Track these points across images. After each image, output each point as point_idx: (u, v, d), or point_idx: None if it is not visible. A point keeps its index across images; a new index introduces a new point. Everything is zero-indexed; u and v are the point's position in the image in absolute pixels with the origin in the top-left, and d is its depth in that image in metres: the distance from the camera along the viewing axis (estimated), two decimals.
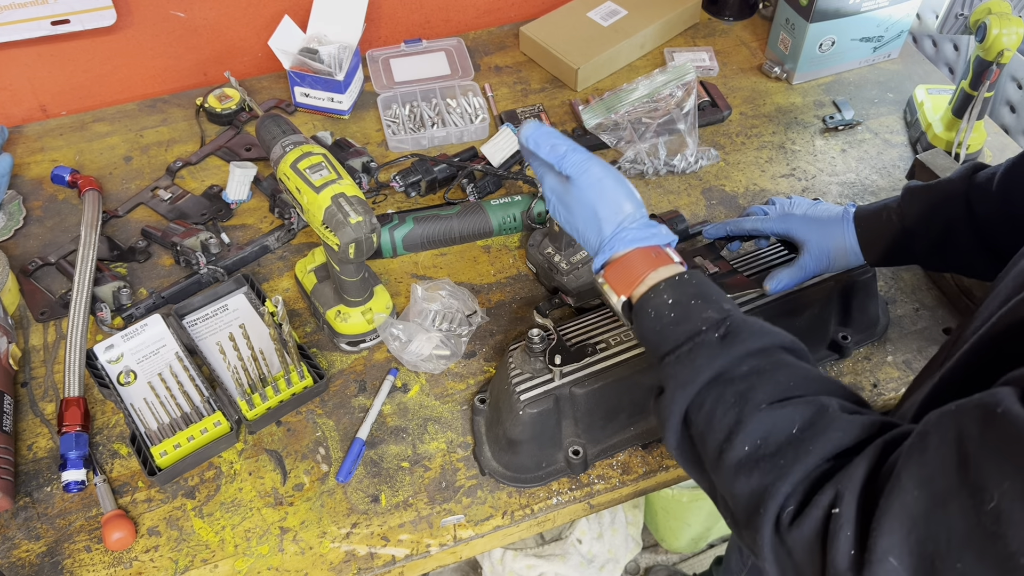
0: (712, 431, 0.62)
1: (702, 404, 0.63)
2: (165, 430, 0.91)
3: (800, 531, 0.54)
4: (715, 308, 0.67)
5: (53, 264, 1.10)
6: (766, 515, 0.56)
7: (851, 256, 0.93)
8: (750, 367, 0.63)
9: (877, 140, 1.30)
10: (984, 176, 0.85)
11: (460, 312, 1.01)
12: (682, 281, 0.70)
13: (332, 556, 0.86)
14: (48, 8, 1.18)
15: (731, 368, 0.63)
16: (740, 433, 0.60)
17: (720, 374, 0.63)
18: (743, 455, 0.59)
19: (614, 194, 0.76)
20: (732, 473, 0.60)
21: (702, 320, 0.66)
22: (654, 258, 0.73)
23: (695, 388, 0.64)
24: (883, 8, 1.32)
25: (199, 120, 1.31)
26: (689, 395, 0.64)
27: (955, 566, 0.46)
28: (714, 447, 0.62)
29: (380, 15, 1.41)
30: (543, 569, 1.53)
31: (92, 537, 0.87)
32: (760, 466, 0.58)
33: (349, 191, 0.88)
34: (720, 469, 0.61)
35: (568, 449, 0.90)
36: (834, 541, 0.51)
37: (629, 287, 0.73)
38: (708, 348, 0.65)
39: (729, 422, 0.61)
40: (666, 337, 0.68)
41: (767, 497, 0.56)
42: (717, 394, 0.63)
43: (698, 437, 0.64)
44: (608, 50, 1.36)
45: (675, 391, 0.65)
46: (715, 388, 0.63)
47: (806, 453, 0.57)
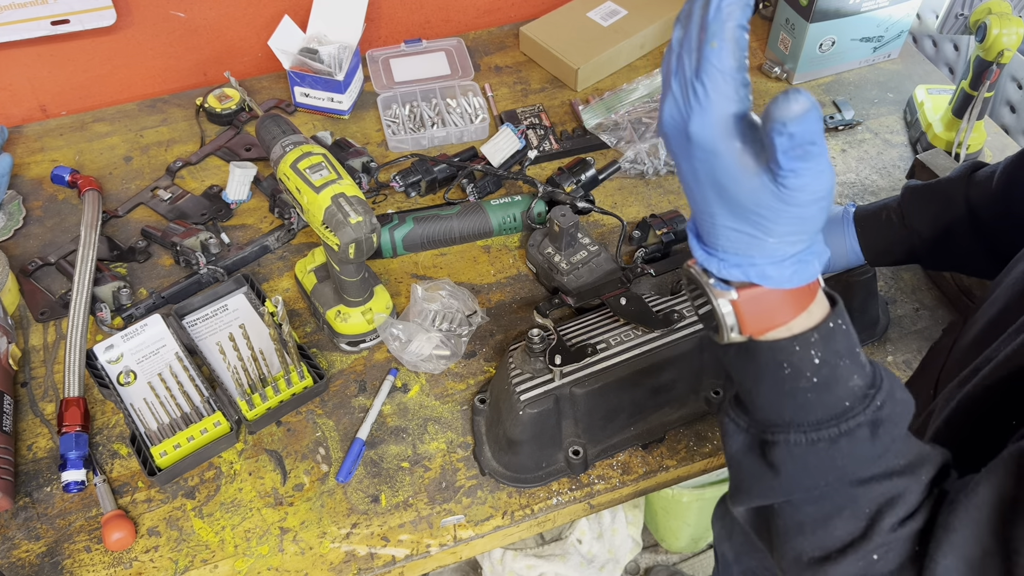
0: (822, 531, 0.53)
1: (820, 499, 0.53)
2: (165, 430, 0.91)
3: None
4: (860, 371, 0.52)
5: (53, 264, 1.10)
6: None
7: (851, 256, 0.93)
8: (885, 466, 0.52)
9: (877, 140, 1.30)
10: (983, 174, 0.85)
11: (460, 312, 1.01)
12: (836, 331, 0.52)
13: (332, 556, 0.86)
14: (48, 8, 1.18)
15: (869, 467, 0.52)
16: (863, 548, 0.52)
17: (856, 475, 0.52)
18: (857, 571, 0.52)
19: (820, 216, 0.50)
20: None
21: (846, 392, 0.51)
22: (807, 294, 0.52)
23: (819, 481, 0.52)
24: (883, 8, 1.32)
25: (199, 120, 1.31)
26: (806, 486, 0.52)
27: None
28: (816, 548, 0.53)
29: (380, 15, 1.41)
30: (543, 569, 1.53)
31: (92, 537, 0.87)
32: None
33: (349, 191, 0.88)
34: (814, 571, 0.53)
35: (568, 449, 0.90)
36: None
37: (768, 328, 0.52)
38: (854, 443, 0.51)
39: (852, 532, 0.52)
40: (799, 404, 0.52)
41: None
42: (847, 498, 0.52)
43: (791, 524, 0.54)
44: (608, 50, 1.36)
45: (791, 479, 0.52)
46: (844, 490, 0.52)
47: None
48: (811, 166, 0.47)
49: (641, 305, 0.94)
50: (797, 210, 0.48)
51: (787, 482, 0.52)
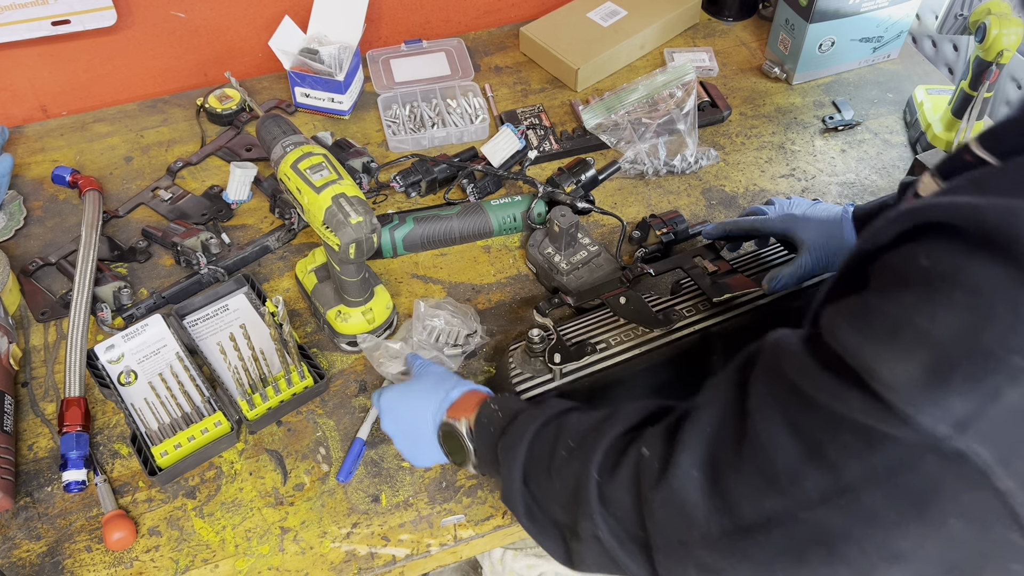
0: (542, 461, 0.71)
1: (532, 450, 0.73)
2: (166, 430, 0.91)
3: (615, 481, 0.64)
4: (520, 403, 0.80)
5: (54, 264, 1.10)
6: (588, 485, 0.65)
7: None
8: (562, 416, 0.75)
9: (877, 140, 1.30)
10: None
11: (461, 331, 1.01)
12: (502, 397, 0.82)
13: (333, 556, 0.86)
14: (48, 8, 1.18)
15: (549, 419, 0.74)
16: (561, 444, 0.70)
17: (543, 424, 0.74)
18: (563, 458, 0.69)
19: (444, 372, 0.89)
20: (558, 478, 0.69)
21: (519, 409, 0.78)
22: (478, 394, 0.84)
23: (526, 443, 0.73)
24: (883, 8, 1.32)
25: (199, 120, 1.31)
26: (522, 452, 0.73)
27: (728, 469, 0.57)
28: (545, 471, 0.71)
29: (380, 15, 1.41)
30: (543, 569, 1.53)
31: (93, 537, 0.87)
32: (575, 456, 0.69)
33: (349, 191, 0.88)
34: (550, 487, 0.70)
35: None
36: (644, 473, 0.62)
37: (470, 410, 0.81)
38: (528, 416, 0.76)
39: (552, 444, 0.71)
40: (497, 430, 0.77)
41: (584, 470, 0.66)
42: (542, 435, 0.73)
43: (535, 481, 0.72)
44: (608, 50, 1.36)
45: (511, 455, 0.73)
46: (540, 433, 0.74)
47: (607, 432, 0.68)
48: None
49: (641, 305, 0.94)
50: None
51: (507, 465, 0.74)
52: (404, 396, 0.86)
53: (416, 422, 0.84)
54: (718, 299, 0.94)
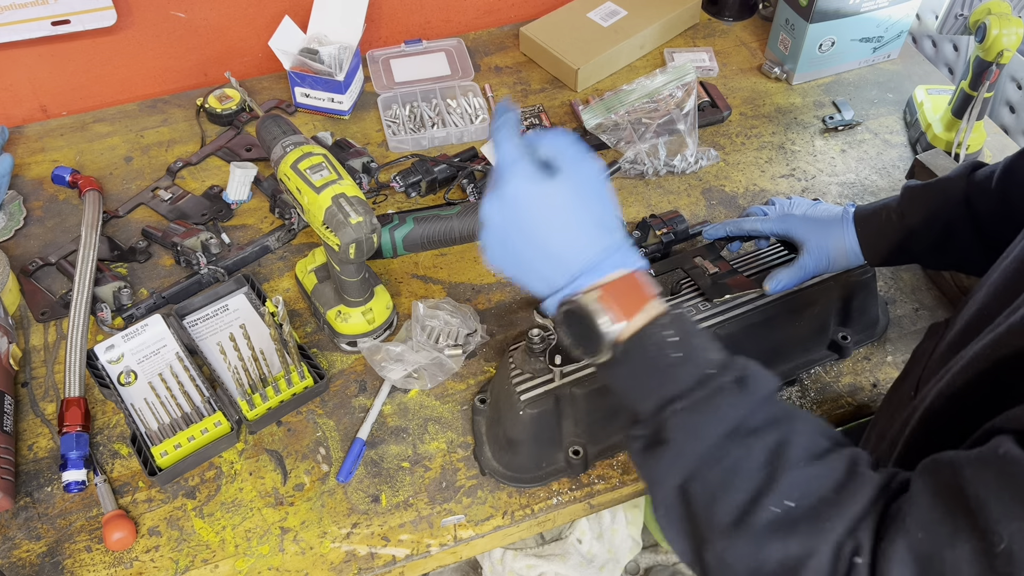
0: (733, 489, 0.55)
1: (720, 459, 0.56)
2: (165, 430, 0.91)
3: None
4: (715, 348, 0.61)
5: (53, 264, 1.10)
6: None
7: (851, 256, 0.93)
8: (765, 415, 0.57)
9: (877, 140, 1.30)
10: (983, 174, 0.85)
11: (461, 330, 1.01)
12: (682, 316, 0.61)
13: (333, 556, 0.86)
14: (48, 8, 1.18)
15: (749, 418, 0.57)
16: (772, 493, 0.53)
17: (739, 426, 0.56)
18: (776, 517, 0.53)
19: (611, 204, 0.64)
20: (761, 536, 0.53)
21: (708, 362, 0.59)
22: (646, 285, 0.62)
23: (711, 441, 0.56)
24: (883, 8, 1.32)
25: (199, 120, 1.31)
26: (704, 448, 0.56)
27: None
28: (733, 508, 0.54)
29: (380, 15, 1.41)
30: (543, 569, 1.53)
31: (93, 537, 0.87)
32: (799, 529, 0.52)
33: (349, 191, 0.88)
34: (739, 534, 0.54)
35: (568, 449, 0.90)
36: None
37: (632, 311, 0.61)
38: (727, 394, 0.57)
39: (758, 481, 0.54)
40: (672, 379, 0.59)
41: (809, 560, 0.52)
42: (742, 448, 0.56)
43: (706, 496, 0.56)
44: (608, 50, 1.36)
45: (685, 444, 0.57)
46: (737, 441, 0.56)
47: (844, 514, 0.53)
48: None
49: None
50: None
51: (682, 452, 0.57)
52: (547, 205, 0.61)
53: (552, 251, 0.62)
54: (718, 299, 0.94)
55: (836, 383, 1.00)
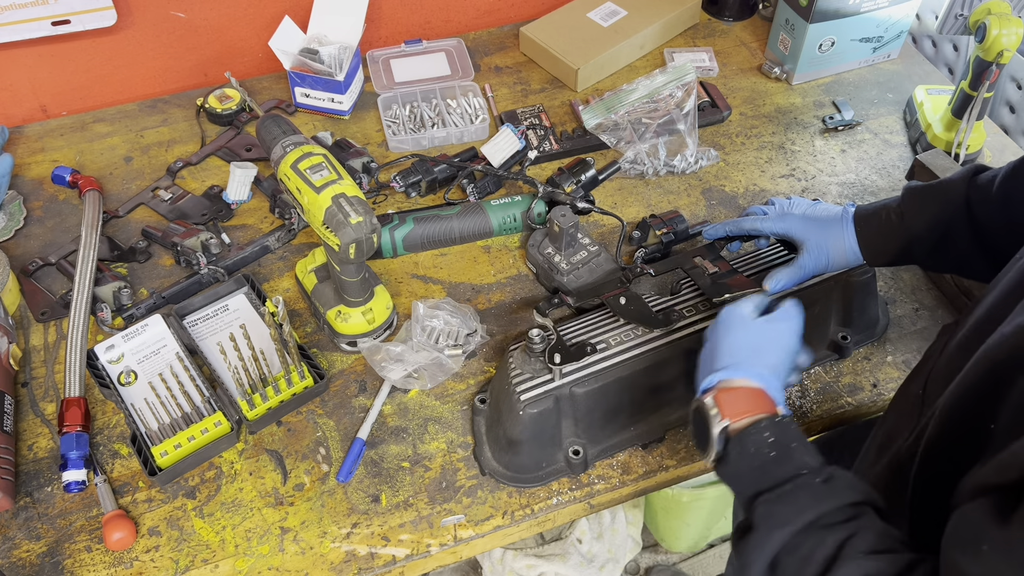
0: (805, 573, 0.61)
1: (798, 546, 0.62)
2: (166, 430, 0.91)
3: None
4: (812, 456, 0.68)
5: (54, 264, 1.10)
6: None
7: (850, 256, 0.93)
8: (847, 516, 0.63)
9: (877, 140, 1.30)
10: (985, 179, 0.85)
11: (461, 330, 1.01)
12: (785, 424, 0.70)
13: (332, 556, 0.86)
14: (48, 8, 1.18)
15: (830, 515, 0.63)
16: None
17: (820, 519, 0.63)
18: None
19: (787, 348, 0.79)
20: None
21: (802, 464, 0.67)
22: (767, 400, 0.73)
23: (793, 529, 0.63)
24: (883, 8, 1.32)
25: (199, 120, 1.31)
26: (786, 536, 0.63)
27: None
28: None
29: (380, 15, 1.41)
30: (543, 569, 1.53)
31: (93, 537, 0.87)
32: None
33: (349, 191, 0.88)
34: None
35: (568, 449, 0.90)
36: None
37: (739, 414, 0.71)
38: (811, 491, 0.65)
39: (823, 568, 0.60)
40: (766, 474, 0.67)
41: None
42: (816, 539, 0.62)
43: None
44: (608, 50, 1.36)
45: (771, 530, 0.63)
46: (814, 532, 0.62)
47: None
48: None
49: (641, 305, 0.94)
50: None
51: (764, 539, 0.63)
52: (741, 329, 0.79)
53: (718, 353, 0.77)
54: (718, 299, 0.94)
55: (836, 383, 1.01)
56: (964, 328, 0.69)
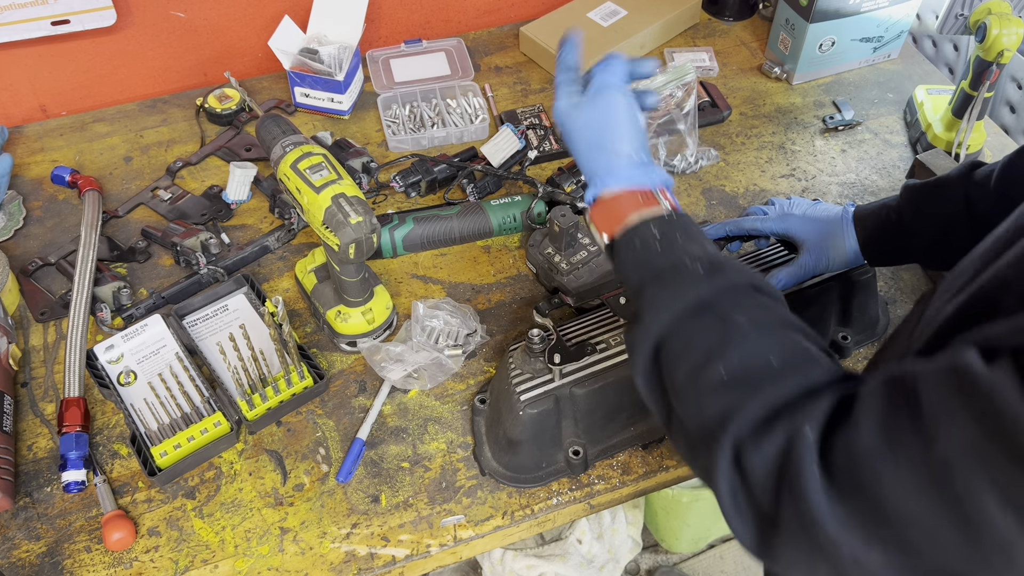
0: (689, 355, 0.62)
1: (681, 329, 0.63)
2: (165, 430, 0.91)
3: (761, 452, 0.55)
4: (700, 246, 0.68)
5: (53, 264, 1.10)
6: (728, 433, 0.56)
7: (851, 255, 0.93)
8: (732, 301, 0.63)
9: (877, 140, 1.30)
10: (982, 173, 0.85)
11: (461, 330, 1.01)
12: (671, 220, 0.71)
13: (332, 556, 0.86)
14: (48, 8, 1.18)
15: (714, 298, 0.64)
16: (719, 358, 0.60)
17: (703, 302, 0.63)
18: (718, 378, 0.59)
19: (621, 126, 0.75)
20: (703, 394, 0.60)
21: (686, 253, 0.67)
22: (642, 201, 0.73)
23: (675, 313, 0.64)
24: (883, 8, 1.32)
25: (199, 120, 1.31)
26: (668, 320, 0.64)
27: (897, 505, 0.48)
28: (687, 370, 0.62)
29: (380, 15, 1.41)
30: (543, 569, 1.53)
31: (92, 537, 0.87)
32: (734, 388, 0.58)
33: (349, 191, 0.88)
34: (689, 392, 0.61)
35: (568, 449, 0.90)
36: (801, 466, 0.52)
37: (613, 226, 0.72)
38: (692, 277, 0.65)
39: (709, 346, 0.61)
40: (649, 265, 0.68)
41: (734, 414, 0.57)
42: (699, 320, 0.63)
43: (669, 362, 0.64)
44: (608, 50, 1.36)
45: (655, 314, 0.65)
46: (697, 314, 0.63)
47: (782, 383, 0.57)
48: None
49: None
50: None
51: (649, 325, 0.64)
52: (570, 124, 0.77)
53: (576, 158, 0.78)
54: None
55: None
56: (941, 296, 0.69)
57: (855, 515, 0.49)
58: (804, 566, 0.53)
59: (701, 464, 0.61)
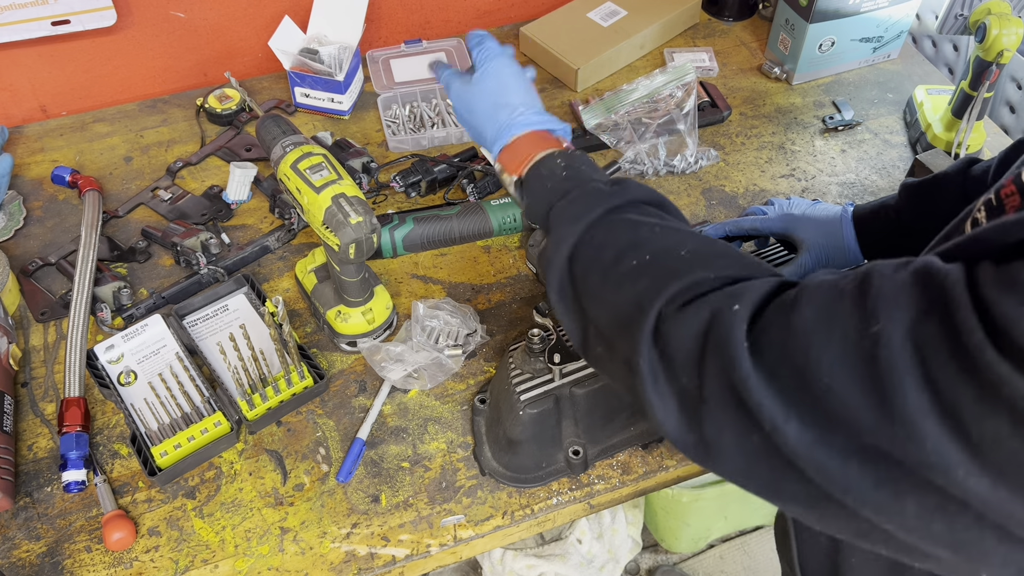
0: (602, 256, 0.63)
1: (592, 237, 0.65)
2: (165, 430, 0.91)
3: (685, 324, 0.54)
4: (602, 174, 0.72)
5: (53, 264, 1.10)
6: (647, 313, 0.56)
7: (850, 255, 0.93)
8: (640, 211, 0.66)
9: (877, 140, 1.30)
10: (979, 169, 0.85)
11: (461, 330, 1.01)
12: (573, 154, 0.75)
13: (332, 556, 0.86)
14: (48, 8, 1.18)
15: (622, 207, 0.66)
16: (633, 250, 0.61)
17: (611, 210, 0.66)
18: (633, 267, 0.60)
19: (513, 83, 0.81)
20: (619, 285, 0.60)
21: (591, 178, 0.71)
22: (545, 139, 0.77)
23: (586, 223, 0.65)
24: (883, 8, 1.32)
25: (199, 120, 1.31)
26: (579, 230, 0.65)
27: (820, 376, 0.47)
28: (601, 269, 0.62)
29: (380, 15, 1.41)
30: (543, 569, 1.53)
31: (92, 537, 0.87)
32: (650, 271, 0.59)
33: (349, 191, 0.88)
34: (604, 289, 0.61)
35: (568, 449, 0.90)
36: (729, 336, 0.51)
37: (521, 164, 0.76)
38: (599, 193, 0.68)
39: (621, 246, 0.62)
40: (556, 190, 0.71)
41: (653, 295, 0.56)
42: (609, 227, 0.64)
43: (583, 267, 0.64)
44: (608, 50, 1.36)
45: (565, 227, 0.66)
46: (606, 222, 0.65)
47: (702, 266, 0.58)
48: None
49: None
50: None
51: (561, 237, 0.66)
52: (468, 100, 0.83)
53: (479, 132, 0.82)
54: None
55: None
56: None
57: (781, 387, 0.49)
58: (732, 437, 0.52)
59: (621, 358, 0.58)
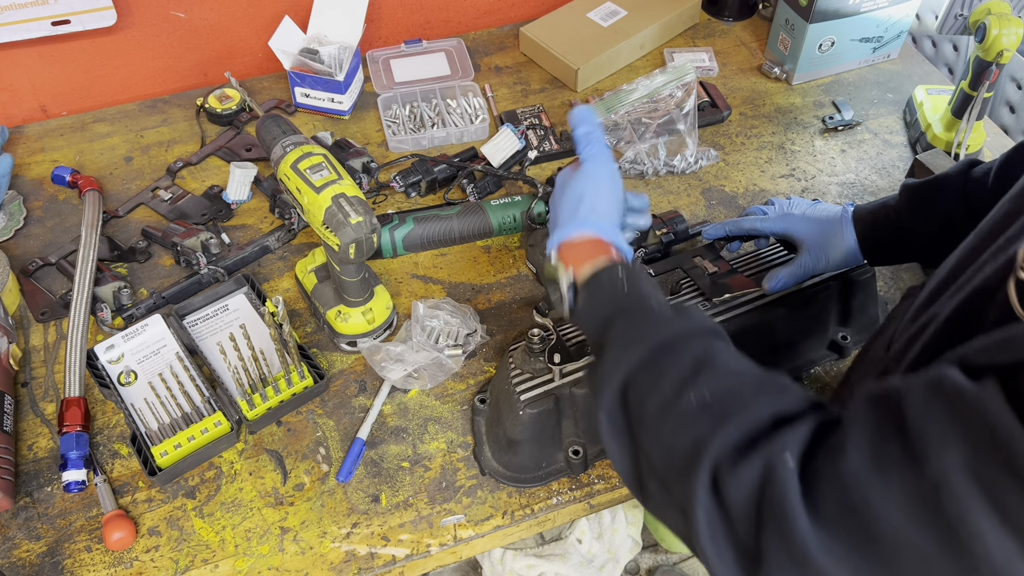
0: (659, 387, 0.61)
1: (652, 364, 0.63)
2: (165, 430, 0.91)
3: (739, 478, 0.53)
4: (660, 293, 0.72)
5: (53, 264, 1.10)
6: (704, 459, 0.55)
7: (850, 255, 0.93)
8: (701, 341, 0.64)
9: (877, 140, 1.30)
10: (980, 171, 0.85)
11: (461, 330, 1.01)
12: (634, 267, 0.74)
13: (332, 556, 0.86)
14: (48, 8, 1.18)
15: (684, 337, 0.64)
16: (691, 388, 0.59)
17: (673, 340, 0.63)
18: (690, 406, 0.58)
19: (607, 190, 0.81)
20: (676, 424, 0.59)
21: (651, 296, 0.69)
22: (608, 251, 0.76)
23: (647, 348, 0.63)
24: (883, 8, 1.32)
25: (199, 120, 1.31)
26: (639, 355, 0.63)
27: (887, 530, 0.46)
28: (658, 402, 0.60)
29: (380, 15, 1.41)
30: (543, 569, 1.53)
31: (92, 537, 0.87)
32: (707, 415, 0.57)
33: (349, 191, 0.88)
34: (660, 424, 0.60)
35: (568, 449, 0.90)
36: (784, 494, 0.50)
37: (581, 263, 0.75)
38: (661, 317, 0.66)
39: (680, 378, 0.60)
40: (617, 303, 0.69)
41: (710, 440, 0.55)
42: (669, 356, 0.62)
43: (638, 396, 0.62)
44: (608, 51, 1.36)
45: (624, 350, 0.64)
46: (667, 351, 0.63)
47: (756, 409, 0.56)
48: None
49: None
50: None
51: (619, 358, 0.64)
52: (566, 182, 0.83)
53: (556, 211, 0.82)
54: (718, 299, 0.94)
55: (836, 383, 1.00)
56: (928, 288, 0.69)
57: (843, 544, 0.48)
58: None
59: (676, 501, 0.58)
